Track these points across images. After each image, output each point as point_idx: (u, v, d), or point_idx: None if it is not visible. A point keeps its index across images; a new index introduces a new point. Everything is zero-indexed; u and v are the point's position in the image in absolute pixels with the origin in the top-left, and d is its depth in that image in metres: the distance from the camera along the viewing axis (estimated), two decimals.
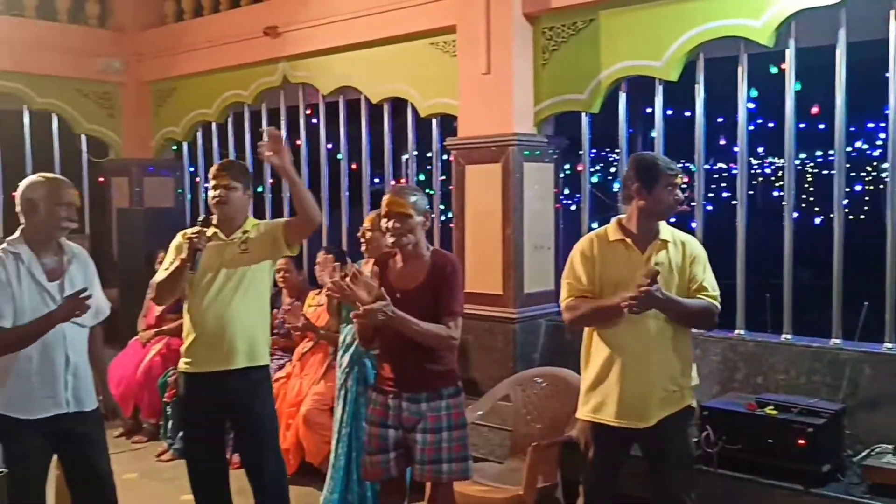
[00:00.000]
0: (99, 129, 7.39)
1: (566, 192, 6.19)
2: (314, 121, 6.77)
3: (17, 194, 3.30)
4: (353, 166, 6.62)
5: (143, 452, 5.70)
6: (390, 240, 3.29)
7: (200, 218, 3.71)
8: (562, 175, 5.45)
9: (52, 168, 6.95)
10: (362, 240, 4.24)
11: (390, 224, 3.25)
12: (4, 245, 3.25)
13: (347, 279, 3.23)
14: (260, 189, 6.82)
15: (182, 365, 3.75)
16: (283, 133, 6.65)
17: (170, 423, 5.75)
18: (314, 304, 5.27)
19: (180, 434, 5.63)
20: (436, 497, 3.34)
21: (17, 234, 3.29)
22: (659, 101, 4.86)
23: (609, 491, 3.29)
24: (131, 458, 5.50)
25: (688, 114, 4.92)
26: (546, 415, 4.18)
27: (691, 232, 4.14)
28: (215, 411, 3.71)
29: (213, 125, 7.24)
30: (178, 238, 3.73)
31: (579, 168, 5.41)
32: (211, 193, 3.69)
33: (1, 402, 3.17)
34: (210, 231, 3.65)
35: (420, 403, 3.27)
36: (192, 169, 7.76)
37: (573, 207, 6.27)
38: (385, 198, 3.33)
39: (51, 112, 7.15)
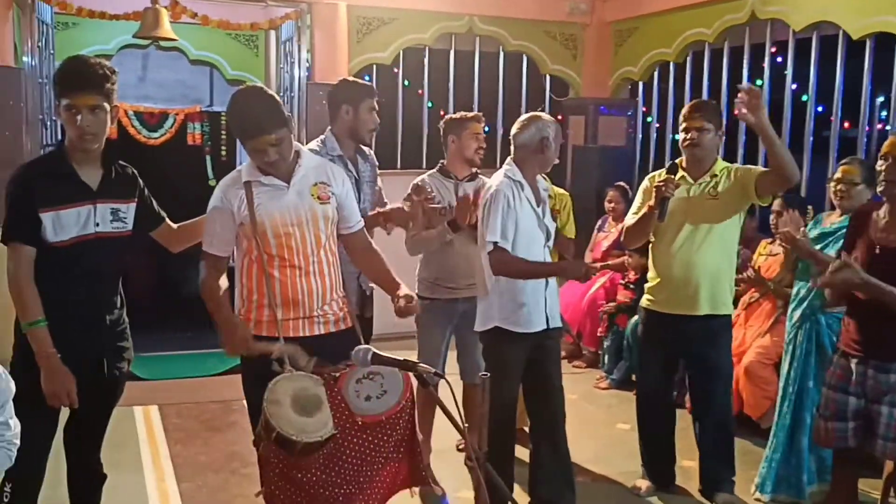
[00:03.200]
0: (562, 70, 7.76)
1: None
2: (779, 59, 6.34)
3: (529, 131, 3.49)
4: (819, 109, 6.10)
5: (582, 377, 6.04)
6: (879, 188, 2.97)
7: (668, 164, 3.73)
8: None
9: (520, 107, 7.52)
10: (833, 191, 3.90)
11: (885, 167, 2.93)
12: (504, 174, 3.51)
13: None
14: None
15: (645, 301, 3.86)
16: (745, 73, 6.42)
17: (606, 357, 6.03)
18: (765, 252, 5.02)
19: (617, 366, 5.88)
20: None
21: (512, 165, 3.52)
22: None
23: None
24: (572, 380, 5.77)
25: None
26: None
27: None
28: (671, 351, 3.79)
29: (671, 65, 7.18)
30: (646, 182, 3.80)
31: None
32: (682, 136, 3.68)
33: (500, 315, 3.52)
34: (678, 175, 3.66)
35: (890, 374, 2.96)
36: (643, 109, 7.82)
37: None
38: (890, 138, 2.99)
39: (521, 53, 7.67)
